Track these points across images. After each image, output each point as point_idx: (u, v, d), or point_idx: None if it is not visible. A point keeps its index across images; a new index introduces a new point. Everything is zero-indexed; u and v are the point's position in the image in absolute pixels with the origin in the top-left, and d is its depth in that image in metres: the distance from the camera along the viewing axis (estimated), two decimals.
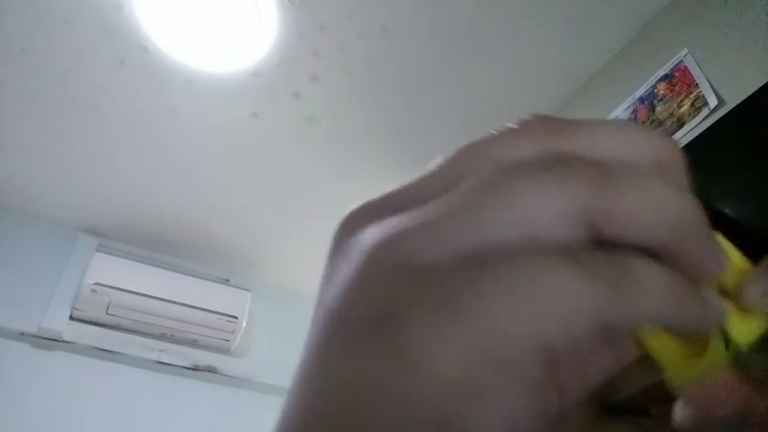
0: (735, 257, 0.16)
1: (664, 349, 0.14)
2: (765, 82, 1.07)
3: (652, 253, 0.13)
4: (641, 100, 1.38)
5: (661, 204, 0.13)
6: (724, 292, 0.15)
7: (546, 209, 0.12)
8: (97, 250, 1.99)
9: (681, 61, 1.29)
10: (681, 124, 1.25)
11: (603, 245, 0.13)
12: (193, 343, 2.03)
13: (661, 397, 0.16)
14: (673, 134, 1.26)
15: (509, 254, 0.12)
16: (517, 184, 0.12)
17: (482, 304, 0.11)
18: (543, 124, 0.14)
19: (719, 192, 1.09)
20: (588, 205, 0.12)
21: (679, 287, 0.13)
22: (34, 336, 1.80)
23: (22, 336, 1.79)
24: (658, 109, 1.32)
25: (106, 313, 1.89)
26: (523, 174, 0.12)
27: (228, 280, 2.16)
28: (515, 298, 0.11)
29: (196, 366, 1.99)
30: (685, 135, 1.23)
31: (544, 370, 0.12)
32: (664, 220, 0.13)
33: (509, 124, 0.14)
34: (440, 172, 0.14)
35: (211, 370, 2.01)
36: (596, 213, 0.12)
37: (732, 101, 1.14)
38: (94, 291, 1.87)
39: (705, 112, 1.19)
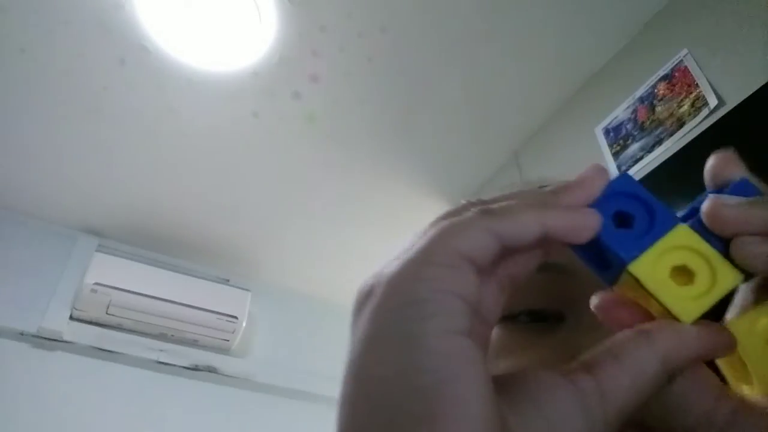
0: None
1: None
2: (765, 82, 1.07)
3: None
4: (641, 100, 1.38)
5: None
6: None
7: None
8: (97, 250, 1.99)
9: (681, 61, 1.29)
10: (681, 124, 1.25)
11: None
12: (193, 343, 2.03)
13: None
14: (672, 134, 1.26)
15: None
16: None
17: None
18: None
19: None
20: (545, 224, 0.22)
21: None
22: (34, 336, 1.80)
23: (22, 336, 1.79)
24: (658, 109, 1.32)
25: (106, 313, 1.89)
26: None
27: (228, 280, 2.16)
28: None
29: (196, 366, 1.99)
30: (685, 135, 1.23)
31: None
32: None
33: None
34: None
35: (211, 370, 2.00)
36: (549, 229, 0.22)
37: (732, 101, 1.14)
38: (94, 291, 1.86)
39: (705, 112, 1.19)
